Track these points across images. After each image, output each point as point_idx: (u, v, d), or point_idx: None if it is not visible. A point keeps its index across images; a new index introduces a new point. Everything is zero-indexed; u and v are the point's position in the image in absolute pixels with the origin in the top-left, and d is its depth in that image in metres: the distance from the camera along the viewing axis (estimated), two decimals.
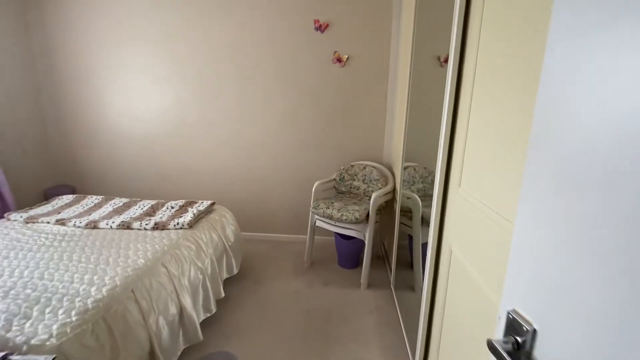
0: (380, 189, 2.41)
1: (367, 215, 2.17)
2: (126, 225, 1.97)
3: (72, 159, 3.19)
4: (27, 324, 1.10)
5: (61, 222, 2.03)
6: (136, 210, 2.22)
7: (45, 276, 1.42)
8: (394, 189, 2.38)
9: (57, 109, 3.05)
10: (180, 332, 1.60)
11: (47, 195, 3.07)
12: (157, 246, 1.73)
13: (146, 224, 1.97)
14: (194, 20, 2.67)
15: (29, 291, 1.30)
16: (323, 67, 2.62)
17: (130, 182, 3.16)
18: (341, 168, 2.63)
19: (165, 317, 1.48)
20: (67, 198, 2.47)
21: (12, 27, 2.76)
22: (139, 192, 3.17)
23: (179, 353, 1.58)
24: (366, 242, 2.20)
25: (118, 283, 1.38)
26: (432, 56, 1.85)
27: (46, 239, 1.82)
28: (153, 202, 2.37)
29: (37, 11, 2.83)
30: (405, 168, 2.04)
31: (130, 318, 1.32)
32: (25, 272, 1.45)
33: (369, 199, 2.43)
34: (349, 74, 2.62)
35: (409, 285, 2.24)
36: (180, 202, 2.33)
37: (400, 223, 2.16)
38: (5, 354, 0.71)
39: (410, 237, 2.39)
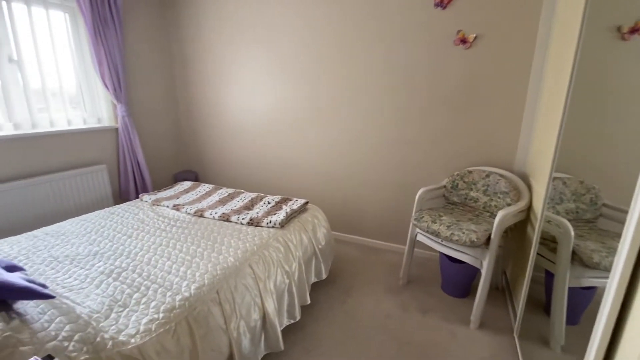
0: (509, 205, 1.87)
1: (488, 238, 1.69)
2: (226, 218, 2.03)
3: (196, 147, 3.60)
4: (123, 314, 1.16)
5: (177, 207, 2.24)
6: (237, 203, 2.29)
7: (152, 262, 1.53)
8: (530, 207, 1.81)
9: (188, 102, 3.47)
10: (262, 339, 1.54)
11: (176, 179, 3.56)
12: (247, 244, 1.70)
13: (242, 219, 1.99)
14: (298, 13, 2.58)
15: (135, 275, 1.41)
16: (442, 51, 2.17)
17: (237, 172, 3.39)
18: (455, 174, 2.17)
19: (247, 322, 1.42)
20: (187, 184, 2.76)
21: (155, 26, 3.22)
22: (244, 183, 3.37)
23: (259, 358, 1.51)
24: (483, 271, 1.73)
25: (206, 282, 1.37)
26: (606, 27, 1.32)
27: (162, 222, 2.01)
28: (253, 195, 2.42)
29: (174, 14, 3.23)
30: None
31: (212, 321, 1.28)
32: (139, 255, 1.60)
33: (491, 216, 1.92)
34: (475, 57, 2.10)
35: (542, 337, 1.69)
36: (277, 197, 2.31)
37: (537, 254, 1.62)
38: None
39: (549, 274, 1.80)
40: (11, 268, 1.25)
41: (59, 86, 2.55)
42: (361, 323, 1.85)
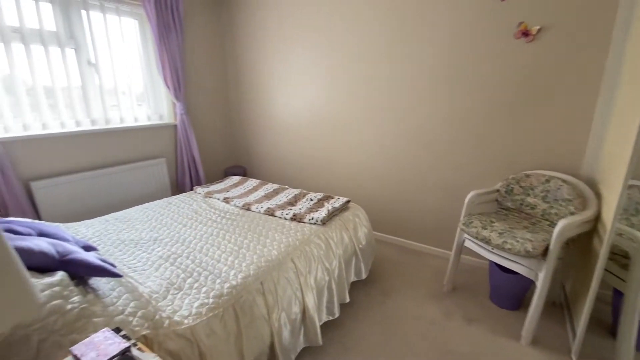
0: (572, 214, 1.70)
1: (546, 248, 1.56)
2: (270, 212, 2.11)
3: (245, 144, 3.78)
4: (178, 296, 1.27)
5: (226, 200, 2.37)
6: (281, 198, 2.37)
7: (204, 250, 1.65)
8: (598, 218, 1.62)
9: (239, 100, 3.65)
10: (301, 332, 1.58)
11: (226, 173, 3.77)
12: (290, 239, 1.76)
13: (286, 214, 2.05)
14: (347, 11, 2.58)
15: (188, 262, 1.52)
16: (500, 45, 2.03)
17: (282, 168, 3.49)
18: (510, 177, 2.02)
19: (288, 315, 1.47)
20: (235, 179, 2.91)
21: (211, 30, 3.42)
22: (288, 179, 3.46)
23: (298, 351, 1.56)
24: (538, 283, 1.60)
25: (251, 273, 1.44)
26: None
27: (214, 214, 2.15)
28: (297, 191, 2.48)
29: (229, 17, 3.40)
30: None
31: (257, 310, 1.35)
32: (193, 243, 1.73)
33: (550, 225, 1.77)
34: (538, 51, 1.93)
35: None
36: (319, 195, 2.34)
37: (605, 270, 1.46)
38: (127, 347, 0.74)
39: (618, 292, 1.62)
40: (87, 248, 1.43)
41: (128, 86, 2.83)
42: (401, 326, 1.82)
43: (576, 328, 1.61)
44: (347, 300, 1.90)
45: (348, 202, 2.23)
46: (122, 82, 2.77)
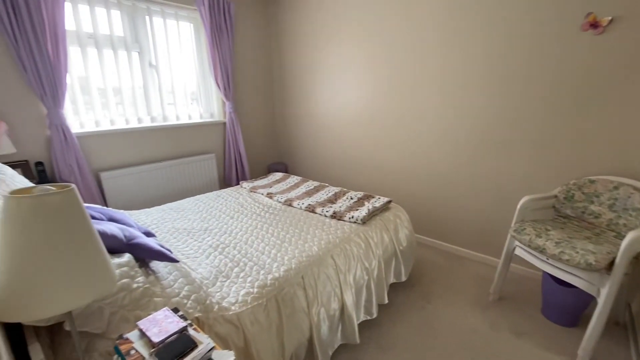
0: None
1: (611, 262, 1.41)
2: (311, 209, 2.16)
3: (287, 142, 3.88)
4: (226, 284, 1.35)
5: (270, 195, 2.46)
6: (322, 196, 2.40)
7: (249, 241, 1.73)
8: None
9: (282, 98, 3.76)
10: (339, 328, 1.60)
11: (269, 169, 3.90)
12: (330, 236, 1.78)
13: (326, 211, 2.08)
14: (396, 8, 2.52)
15: (235, 252, 1.61)
16: (564, 38, 1.86)
17: (323, 166, 3.53)
18: (571, 183, 1.86)
19: (327, 310, 1.50)
20: (278, 175, 3.00)
21: (259, 31, 3.55)
22: (329, 177, 3.49)
23: (335, 347, 1.58)
24: (600, 300, 1.46)
25: (293, 266, 1.49)
26: None
27: (258, 208, 2.25)
28: (337, 189, 2.50)
29: (275, 18, 3.50)
30: None
31: (297, 303, 1.39)
32: (239, 234, 1.82)
33: (617, 237, 1.60)
34: (608, 44, 1.75)
35: None
36: (359, 194, 2.34)
37: None
38: (185, 327, 0.81)
39: None
40: (147, 234, 1.57)
41: (183, 86, 3.04)
42: (441, 333, 1.76)
43: None
44: (386, 301, 1.88)
45: (389, 202, 2.20)
46: (178, 82, 2.99)
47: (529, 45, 1.99)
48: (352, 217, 1.97)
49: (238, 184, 3.34)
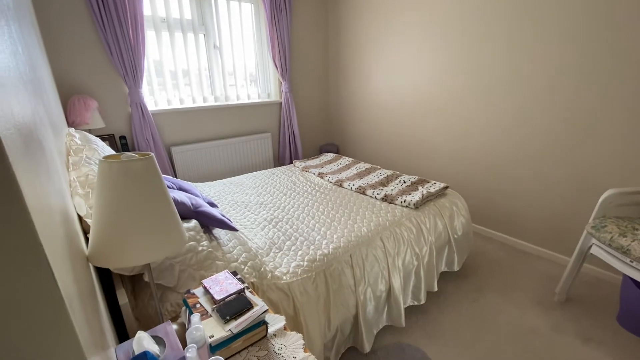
0: None
1: None
2: (362, 191, 2.15)
3: (340, 122, 3.86)
4: (278, 255, 1.43)
5: (321, 175, 2.50)
6: (373, 178, 2.37)
7: (300, 218, 1.80)
8: None
9: (337, 79, 3.71)
10: (385, 310, 1.61)
11: (321, 150, 3.94)
12: (380, 219, 1.76)
13: (377, 194, 2.05)
14: None
15: (287, 227, 1.69)
16: None
17: (375, 148, 3.46)
18: None
19: (373, 290, 1.51)
20: (330, 156, 3.02)
21: (316, 9, 3.51)
22: (380, 159, 3.42)
23: (380, 327, 1.60)
24: None
25: (341, 245, 1.51)
26: None
27: (309, 186, 2.30)
28: (389, 172, 2.44)
29: None
30: None
31: (344, 280, 1.43)
32: (291, 210, 1.90)
33: None
34: None
35: None
36: (413, 178, 2.26)
37: None
38: (242, 289, 0.88)
39: None
40: (211, 204, 1.71)
41: (244, 66, 3.16)
42: (493, 328, 1.67)
43: None
44: (435, 289, 1.83)
45: (446, 187, 2.09)
46: (239, 63, 3.11)
47: (614, 21, 1.67)
48: (405, 201, 1.92)
49: (291, 162, 3.45)
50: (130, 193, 0.72)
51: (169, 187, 1.50)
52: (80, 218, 0.96)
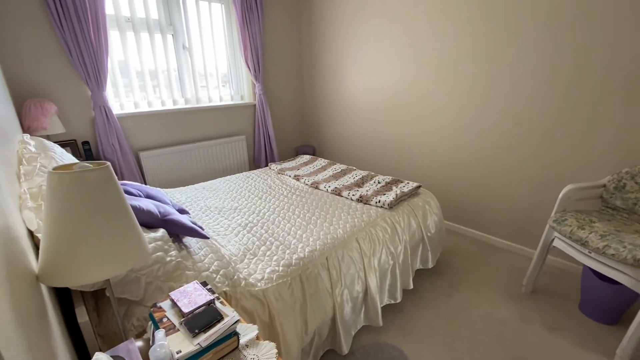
0: None
1: None
2: (338, 192, 2.15)
3: (316, 123, 3.85)
4: (253, 261, 1.40)
5: (297, 177, 2.49)
6: (348, 179, 2.38)
7: (275, 222, 1.77)
8: None
9: (311, 81, 3.71)
10: (362, 310, 1.62)
11: (297, 151, 3.92)
12: (356, 220, 1.77)
13: (353, 195, 2.06)
14: None
15: (262, 231, 1.66)
16: (615, 21, 1.65)
17: (350, 149, 3.49)
18: (623, 171, 1.69)
19: (350, 292, 1.51)
20: (306, 157, 3.01)
21: (289, 11, 3.49)
22: (356, 160, 3.45)
23: (358, 327, 1.61)
24: None
25: (317, 247, 1.51)
26: None
27: (285, 189, 2.28)
28: (364, 173, 2.47)
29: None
30: None
31: (321, 283, 1.42)
32: (266, 214, 1.87)
33: None
34: None
35: None
36: (387, 178, 2.29)
37: None
38: (212, 300, 0.85)
39: None
40: (181, 211, 1.66)
41: (215, 68, 3.09)
42: (468, 322, 1.72)
43: None
44: (411, 287, 1.87)
45: (418, 187, 2.14)
46: (210, 65, 3.04)
47: (577, 23, 1.78)
48: (379, 201, 1.94)
49: (267, 165, 3.41)
50: (84, 206, 0.67)
51: (135, 195, 1.44)
52: (32, 233, 0.89)
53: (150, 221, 1.24)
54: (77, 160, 1.52)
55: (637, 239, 1.39)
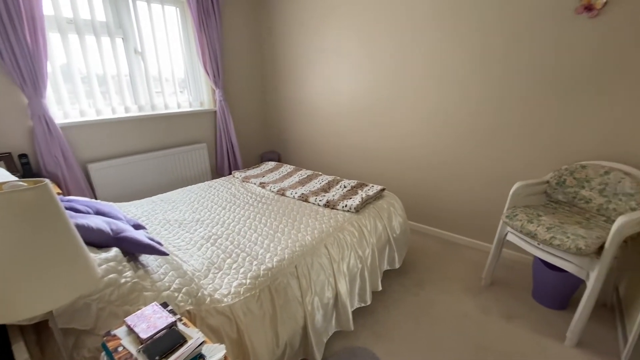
0: (634, 209, 1.53)
1: (600, 247, 1.43)
2: (304, 198, 2.14)
3: (280, 130, 3.82)
4: (218, 275, 1.34)
5: (262, 185, 2.43)
6: (315, 184, 2.38)
7: (241, 232, 1.71)
8: None
9: (274, 86, 3.68)
10: (333, 316, 1.61)
11: (262, 158, 3.86)
12: (324, 225, 1.77)
13: (320, 200, 2.06)
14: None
15: (227, 243, 1.59)
16: (558, 22, 1.83)
17: (316, 154, 3.50)
18: (563, 168, 1.86)
19: (320, 299, 1.50)
20: (271, 164, 2.96)
21: (248, 15, 3.44)
22: (322, 165, 3.46)
23: (330, 334, 1.59)
24: (589, 283, 1.48)
25: (286, 256, 1.48)
26: None
27: (250, 198, 2.22)
28: (330, 178, 2.48)
29: (266, 2, 3.39)
30: None
31: (291, 293, 1.39)
32: (231, 225, 1.80)
33: (607, 221, 1.62)
34: (603, 27, 1.72)
35: None
36: (353, 182, 2.32)
37: None
38: (174, 322, 0.80)
39: None
40: (137, 226, 1.54)
41: (171, 73, 2.95)
42: (434, 318, 1.79)
43: (628, 333, 1.49)
44: (380, 288, 1.90)
45: (382, 190, 2.19)
46: (166, 70, 2.89)
47: (522, 31, 1.95)
48: (346, 205, 1.96)
49: (230, 173, 3.30)
50: (17, 232, 0.59)
51: (83, 212, 1.31)
52: None
53: (101, 240, 1.14)
54: (11, 177, 1.36)
55: (578, 229, 1.53)
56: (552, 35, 1.86)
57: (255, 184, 2.49)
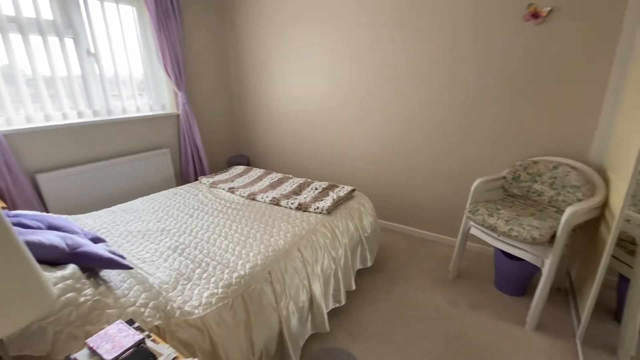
0: (580, 200, 1.68)
1: (553, 235, 1.56)
2: (276, 202, 2.11)
3: (248, 133, 3.75)
4: (187, 286, 1.28)
5: (231, 190, 2.37)
6: (286, 187, 2.36)
7: (211, 240, 1.66)
8: (605, 204, 1.62)
9: (240, 90, 3.61)
10: (309, 319, 1.60)
11: (230, 162, 3.76)
12: (296, 228, 1.76)
13: (291, 203, 2.05)
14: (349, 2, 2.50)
15: (196, 252, 1.54)
16: (508, 28, 1.97)
17: (286, 157, 3.48)
18: (517, 164, 2.00)
19: (295, 303, 1.49)
20: (240, 168, 2.90)
21: (211, 16, 3.35)
22: (292, 168, 3.45)
23: (306, 337, 1.59)
24: (544, 270, 1.60)
25: (259, 262, 1.45)
26: None
27: (219, 204, 2.16)
28: (301, 180, 2.47)
29: (229, 3, 3.32)
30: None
31: (265, 299, 1.37)
32: (200, 233, 1.74)
33: (557, 212, 1.76)
34: (548, 33, 1.88)
35: (609, 345, 1.58)
36: (324, 184, 2.33)
37: (612, 256, 1.46)
38: (142, 339, 0.75)
39: (623, 278, 1.63)
40: (96, 240, 1.44)
41: (129, 75, 2.79)
42: (407, 314, 1.84)
43: (581, 313, 1.63)
44: (353, 287, 1.92)
45: (353, 190, 2.22)
46: (123, 72, 2.74)
47: (476, 36, 2.08)
48: (318, 207, 1.96)
49: (197, 179, 3.19)
50: None
51: (33, 228, 1.20)
52: None
53: (55, 257, 1.05)
54: None
55: (532, 220, 1.65)
56: (504, 41, 2.00)
57: (224, 189, 2.42)
